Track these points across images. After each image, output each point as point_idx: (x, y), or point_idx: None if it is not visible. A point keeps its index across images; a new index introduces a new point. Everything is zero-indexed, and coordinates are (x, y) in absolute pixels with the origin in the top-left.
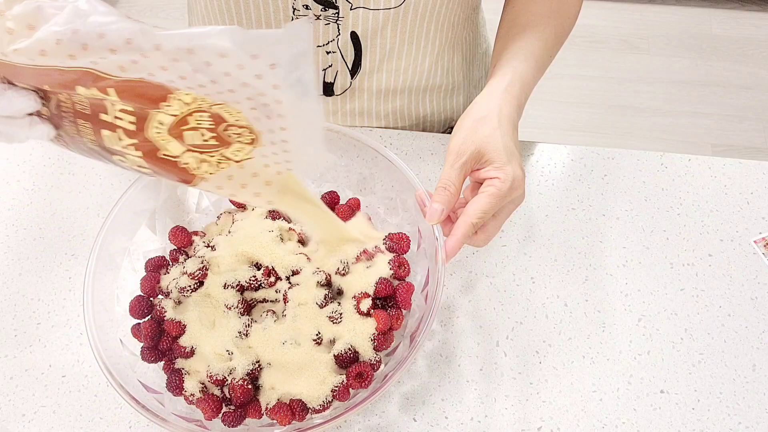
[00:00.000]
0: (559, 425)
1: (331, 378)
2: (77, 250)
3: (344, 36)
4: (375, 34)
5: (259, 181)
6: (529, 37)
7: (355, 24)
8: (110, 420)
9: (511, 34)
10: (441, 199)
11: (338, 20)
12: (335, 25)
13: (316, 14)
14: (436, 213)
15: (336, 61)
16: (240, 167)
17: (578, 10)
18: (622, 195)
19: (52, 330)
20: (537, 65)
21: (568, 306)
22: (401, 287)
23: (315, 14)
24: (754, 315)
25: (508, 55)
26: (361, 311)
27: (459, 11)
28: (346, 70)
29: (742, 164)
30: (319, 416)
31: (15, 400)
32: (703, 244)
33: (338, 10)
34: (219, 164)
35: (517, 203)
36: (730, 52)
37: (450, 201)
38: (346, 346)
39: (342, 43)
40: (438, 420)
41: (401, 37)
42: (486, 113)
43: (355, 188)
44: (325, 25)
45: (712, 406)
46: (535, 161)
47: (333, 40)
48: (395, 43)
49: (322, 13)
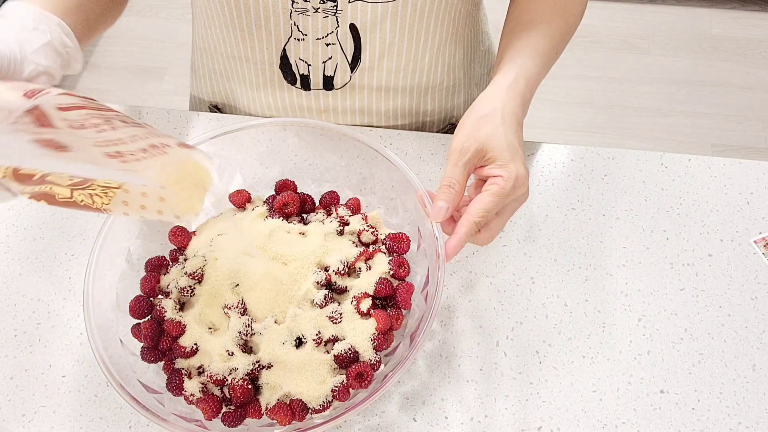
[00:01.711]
0: (559, 425)
1: (331, 378)
2: (77, 250)
3: (343, 28)
4: (374, 26)
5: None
6: (534, 34)
7: (354, 16)
8: (110, 420)
9: (516, 31)
10: (446, 197)
11: (337, 13)
12: (334, 17)
13: (314, 6)
14: (441, 211)
15: (336, 53)
16: (125, 191)
17: (583, 8)
18: (622, 195)
19: (52, 330)
20: (542, 62)
21: (568, 306)
22: (401, 287)
23: (313, 6)
24: (754, 315)
25: (513, 51)
26: (361, 311)
27: (460, 6)
28: (345, 63)
29: (742, 164)
30: (319, 416)
31: (15, 400)
32: (703, 244)
33: (336, 3)
34: (106, 194)
35: (520, 201)
36: (730, 52)
37: (455, 199)
38: (346, 346)
39: (341, 35)
40: (438, 420)
41: (401, 32)
42: (489, 110)
43: (355, 188)
44: (324, 17)
45: (712, 406)
46: (535, 161)
47: (332, 32)
48: (395, 37)
49: (320, 5)
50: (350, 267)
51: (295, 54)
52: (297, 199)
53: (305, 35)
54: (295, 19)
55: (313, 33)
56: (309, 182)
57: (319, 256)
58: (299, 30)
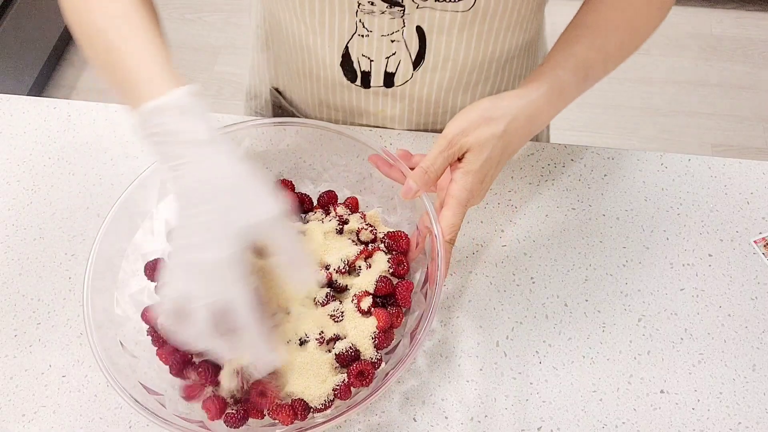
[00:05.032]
0: (559, 425)
1: (332, 377)
2: (77, 250)
3: (410, 28)
4: (441, 31)
5: None
6: (589, 44)
7: (421, 20)
8: (110, 420)
9: (573, 35)
10: (418, 180)
11: (404, 16)
12: (401, 19)
13: (381, 10)
14: (410, 191)
15: (400, 49)
16: None
17: (655, 26)
18: (622, 195)
19: (52, 330)
20: (586, 76)
21: (568, 306)
22: (401, 285)
23: (380, 10)
24: (754, 315)
25: (560, 57)
26: (362, 310)
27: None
28: (409, 61)
29: (742, 164)
30: (320, 415)
31: (15, 400)
32: (703, 244)
33: (404, 8)
34: None
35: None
36: (730, 52)
37: (426, 184)
38: (347, 344)
39: (407, 34)
40: (438, 420)
41: (467, 40)
42: (499, 116)
43: (353, 188)
44: (391, 18)
45: (712, 406)
46: (535, 161)
47: (398, 30)
48: (461, 44)
49: (387, 9)
50: (350, 265)
51: (358, 50)
52: (296, 198)
53: (370, 32)
54: (361, 17)
55: (379, 30)
56: (307, 182)
57: (319, 255)
58: (364, 27)
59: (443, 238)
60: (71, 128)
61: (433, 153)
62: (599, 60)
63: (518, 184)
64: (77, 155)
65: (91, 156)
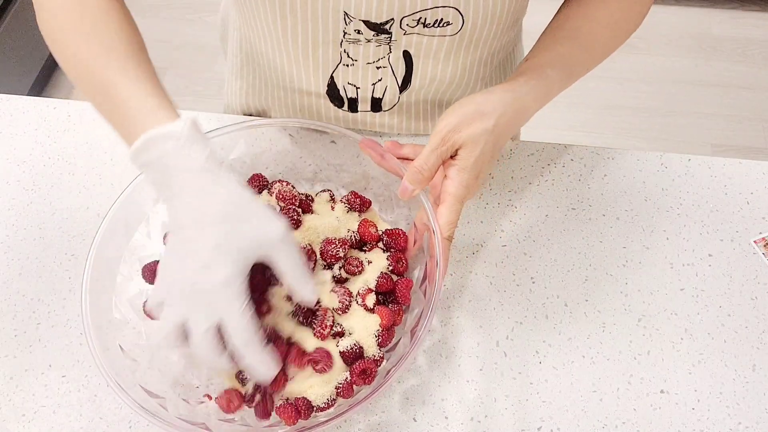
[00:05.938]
0: (559, 425)
1: (335, 375)
2: (77, 250)
3: (396, 53)
4: (428, 55)
5: None
6: (576, 45)
7: (408, 45)
8: (110, 420)
9: (560, 35)
10: (413, 180)
11: (390, 42)
12: (387, 45)
13: (367, 38)
14: (407, 191)
15: (386, 75)
16: None
17: (637, 24)
18: (622, 195)
19: (52, 330)
20: (570, 74)
21: (568, 306)
22: (400, 283)
23: (366, 38)
24: (754, 315)
25: (548, 57)
26: (367, 307)
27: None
28: (395, 85)
29: (742, 164)
30: (323, 414)
31: (15, 400)
32: (703, 244)
33: (391, 34)
34: None
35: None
36: (730, 52)
37: (421, 183)
38: (352, 342)
39: (393, 59)
40: (438, 420)
41: (454, 62)
42: (489, 110)
43: (350, 187)
44: (377, 46)
45: (712, 406)
46: (535, 161)
47: (384, 57)
48: (447, 66)
49: (373, 38)
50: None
51: (344, 79)
52: None
53: (355, 60)
54: (346, 47)
55: (364, 59)
56: (303, 182)
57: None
58: (349, 56)
59: (441, 236)
60: (71, 128)
61: (426, 151)
62: (584, 59)
63: (518, 184)
64: (77, 155)
65: (91, 156)
